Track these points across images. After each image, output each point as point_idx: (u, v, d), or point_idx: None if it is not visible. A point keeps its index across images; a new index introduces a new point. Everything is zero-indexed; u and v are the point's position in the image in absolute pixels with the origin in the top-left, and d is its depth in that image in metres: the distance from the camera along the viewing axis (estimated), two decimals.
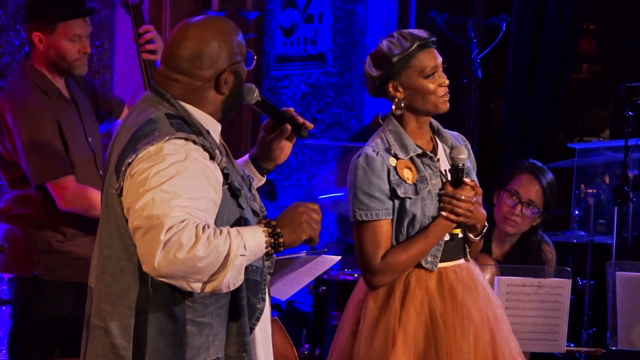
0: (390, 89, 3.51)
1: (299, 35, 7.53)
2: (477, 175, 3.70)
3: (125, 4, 4.60)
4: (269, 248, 2.78)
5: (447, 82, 3.50)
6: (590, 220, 5.77)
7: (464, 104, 6.03)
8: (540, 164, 4.84)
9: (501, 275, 4.35)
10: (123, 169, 2.76)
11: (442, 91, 3.49)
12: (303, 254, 4.78)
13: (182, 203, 2.67)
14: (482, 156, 6.79)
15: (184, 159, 2.73)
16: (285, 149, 3.21)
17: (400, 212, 3.51)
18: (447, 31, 5.79)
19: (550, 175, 4.78)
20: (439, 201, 3.49)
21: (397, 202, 3.50)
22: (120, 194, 2.77)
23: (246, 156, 3.24)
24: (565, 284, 4.31)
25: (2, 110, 4.13)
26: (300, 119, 3.15)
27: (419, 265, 3.51)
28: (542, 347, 4.34)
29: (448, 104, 3.51)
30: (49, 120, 4.11)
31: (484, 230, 3.55)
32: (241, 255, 2.71)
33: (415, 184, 3.50)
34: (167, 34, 5.64)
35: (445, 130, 3.66)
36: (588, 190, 5.89)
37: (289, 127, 3.14)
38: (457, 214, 3.44)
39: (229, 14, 6.54)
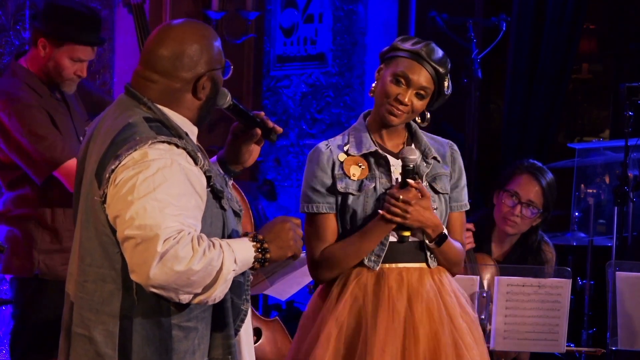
0: None
1: (299, 35, 7.54)
2: (477, 175, 3.68)
3: (128, 4, 4.60)
4: (255, 263, 2.80)
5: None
6: (590, 220, 5.77)
7: (464, 104, 6.03)
8: (540, 164, 4.83)
9: (501, 275, 4.35)
10: (107, 175, 2.73)
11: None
12: (303, 254, 4.78)
13: (174, 212, 2.66)
14: (482, 156, 6.79)
15: (170, 165, 2.71)
16: (253, 152, 3.21)
17: (343, 208, 3.51)
18: (447, 31, 5.79)
19: (549, 176, 4.78)
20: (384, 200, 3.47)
21: (339, 197, 3.50)
22: (104, 202, 2.75)
23: (214, 158, 3.23)
24: (565, 284, 4.31)
25: None
26: (270, 123, 3.16)
27: (362, 264, 3.50)
28: (542, 347, 4.34)
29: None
30: (42, 113, 4.12)
31: (442, 239, 3.47)
32: (233, 270, 2.73)
33: (361, 181, 3.50)
34: None
35: (433, 136, 3.64)
36: (588, 190, 5.88)
37: (259, 131, 3.15)
38: (392, 213, 3.40)
39: (229, 14, 6.55)
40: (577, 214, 5.86)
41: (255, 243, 2.80)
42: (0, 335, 5.40)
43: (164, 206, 2.66)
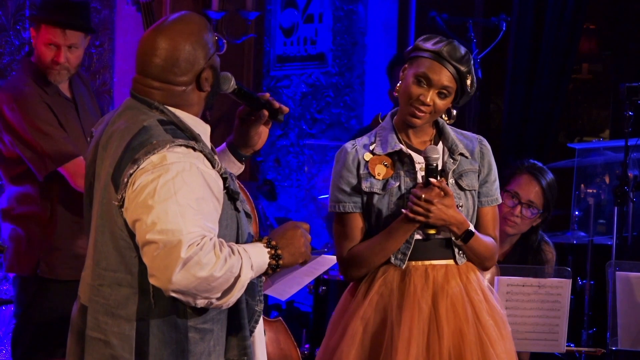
0: None
1: (299, 35, 7.54)
2: None
3: (137, 2, 4.60)
4: (269, 269, 2.83)
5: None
6: (590, 220, 5.77)
7: (464, 104, 6.02)
8: (540, 164, 4.84)
9: (501, 275, 4.35)
10: (125, 180, 2.72)
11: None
12: None
13: (195, 216, 2.67)
14: None
15: (189, 168, 2.71)
16: (262, 134, 3.22)
17: (368, 207, 3.54)
18: (447, 31, 5.78)
19: (550, 176, 4.77)
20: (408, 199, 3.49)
21: (365, 196, 3.54)
22: (122, 206, 2.74)
23: (223, 145, 3.24)
24: (565, 284, 4.31)
25: (0, 104, 4.13)
26: (276, 104, 3.16)
27: (389, 262, 3.53)
28: (542, 347, 4.34)
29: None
30: (46, 109, 4.12)
31: (468, 235, 3.50)
32: (250, 276, 2.75)
33: (386, 180, 3.53)
34: None
35: (463, 131, 3.66)
36: (588, 190, 5.88)
37: (266, 112, 3.15)
38: (415, 213, 3.42)
39: (229, 14, 6.54)
40: (577, 212, 5.87)
41: (269, 249, 2.82)
42: (1, 335, 5.40)
43: (185, 210, 2.66)
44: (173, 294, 2.68)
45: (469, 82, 3.51)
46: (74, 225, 4.19)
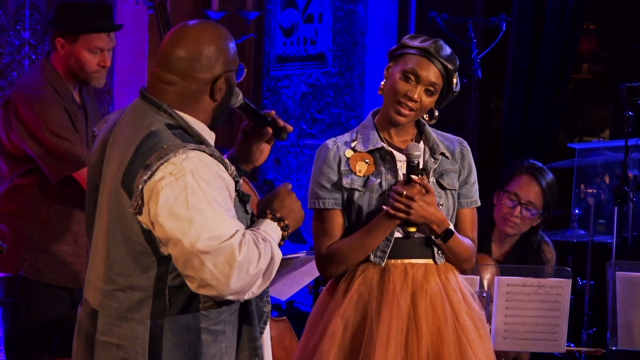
0: None
1: (299, 35, 7.54)
2: (477, 175, 3.68)
3: (152, 0, 4.62)
4: (281, 241, 2.88)
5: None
6: (590, 220, 5.77)
7: (464, 104, 6.03)
8: (540, 164, 4.83)
9: (501, 275, 4.35)
10: (139, 187, 2.70)
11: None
12: (303, 254, 4.78)
13: (229, 216, 2.71)
14: (482, 156, 6.79)
15: (208, 172, 2.72)
16: (264, 151, 3.21)
17: (348, 204, 3.53)
18: (447, 31, 5.78)
19: (550, 176, 4.77)
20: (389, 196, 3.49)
21: (345, 193, 3.53)
22: (137, 213, 2.72)
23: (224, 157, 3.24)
24: (565, 284, 4.31)
25: (16, 103, 4.13)
26: (281, 122, 3.17)
27: (368, 260, 3.51)
28: (542, 347, 4.34)
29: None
30: (64, 113, 4.13)
31: (447, 234, 3.49)
32: (279, 254, 2.81)
33: (367, 177, 3.52)
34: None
35: (443, 133, 3.66)
36: (588, 190, 5.89)
37: (270, 130, 3.16)
38: (396, 209, 3.42)
39: (229, 14, 6.55)
40: (577, 210, 5.87)
41: (278, 222, 2.87)
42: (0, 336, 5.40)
43: (221, 213, 2.69)
44: (229, 297, 2.73)
45: (454, 80, 3.51)
46: (64, 231, 4.18)
